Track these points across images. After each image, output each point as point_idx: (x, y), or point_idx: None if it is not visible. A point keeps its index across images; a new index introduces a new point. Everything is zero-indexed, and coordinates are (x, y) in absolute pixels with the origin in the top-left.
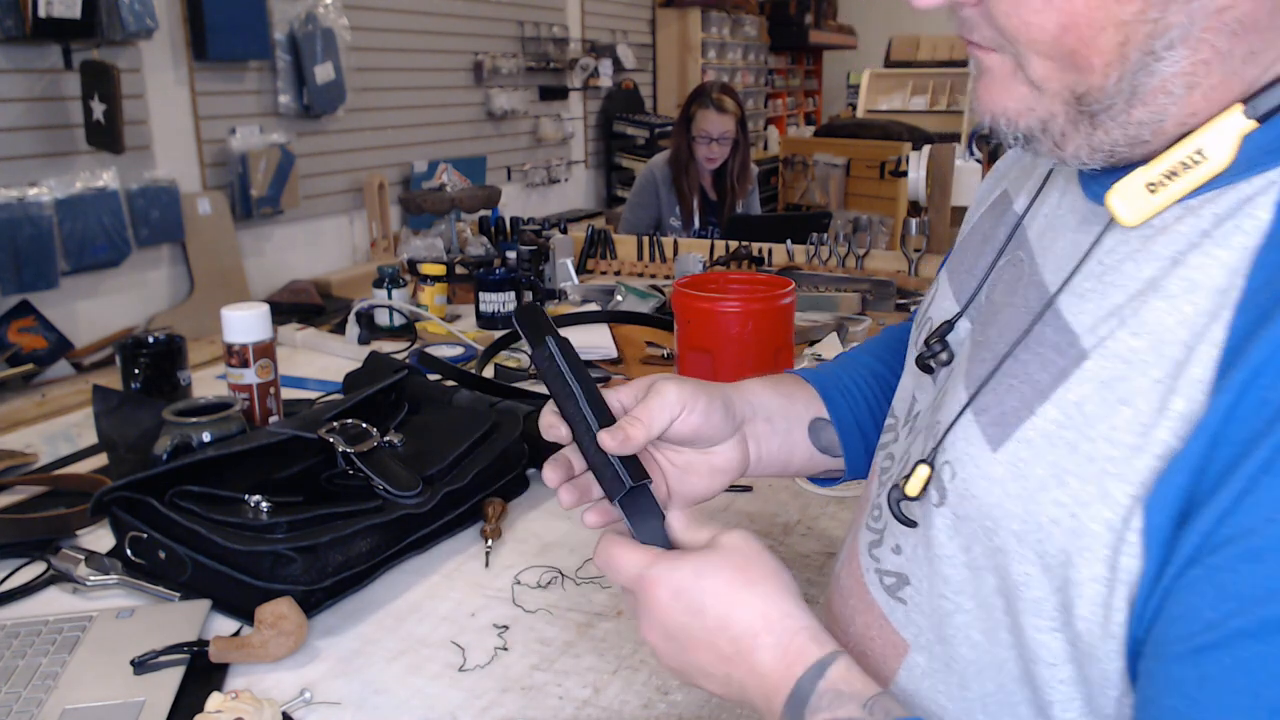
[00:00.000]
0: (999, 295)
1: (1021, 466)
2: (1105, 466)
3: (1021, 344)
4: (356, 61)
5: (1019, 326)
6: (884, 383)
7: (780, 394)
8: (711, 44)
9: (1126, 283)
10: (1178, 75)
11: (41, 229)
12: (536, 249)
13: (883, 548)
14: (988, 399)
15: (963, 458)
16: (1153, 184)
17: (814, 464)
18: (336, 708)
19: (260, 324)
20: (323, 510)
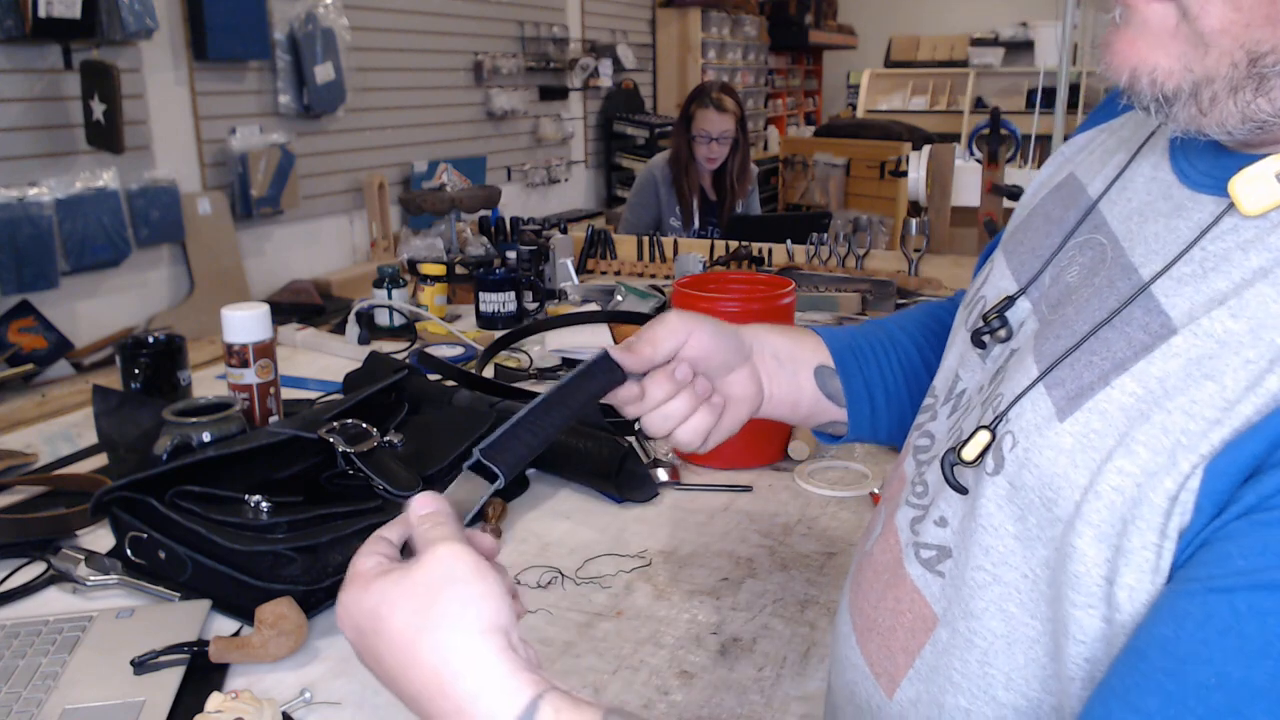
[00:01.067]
0: (1073, 277)
1: (1091, 437)
2: (1179, 439)
3: (1109, 324)
4: (356, 61)
5: (1105, 307)
6: (902, 350)
7: (786, 336)
8: (711, 44)
9: (1233, 270)
10: None
11: (41, 229)
12: (536, 249)
13: (925, 522)
14: (1063, 374)
15: (1028, 428)
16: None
17: (821, 409)
18: (336, 708)
19: (260, 324)
20: (323, 510)
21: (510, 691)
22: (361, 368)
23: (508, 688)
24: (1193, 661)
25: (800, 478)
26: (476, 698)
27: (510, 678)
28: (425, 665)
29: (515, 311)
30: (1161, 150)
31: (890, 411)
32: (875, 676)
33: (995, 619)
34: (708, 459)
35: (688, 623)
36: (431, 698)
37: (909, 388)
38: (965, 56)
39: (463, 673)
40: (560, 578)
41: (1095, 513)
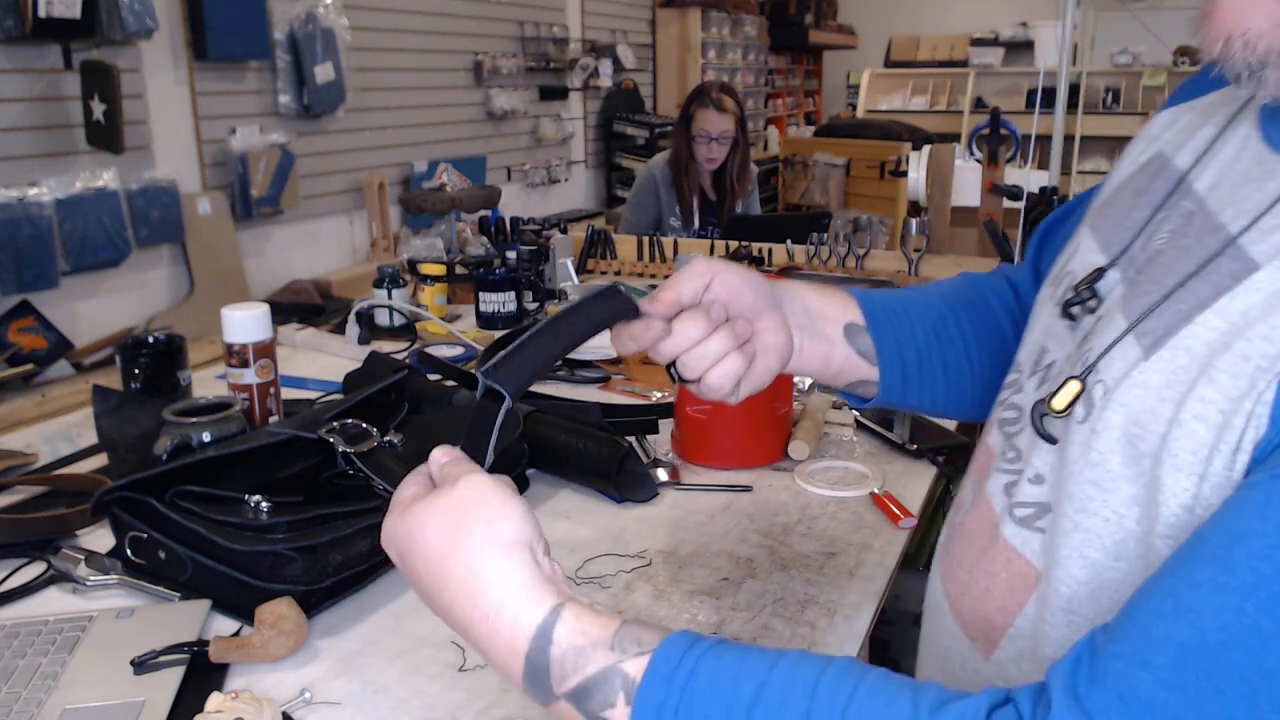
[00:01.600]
0: (1161, 241)
1: (1176, 372)
2: (1259, 363)
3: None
4: (356, 61)
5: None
6: (936, 314)
7: (817, 292)
8: (711, 44)
9: None
10: None
11: (41, 229)
12: (536, 249)
13: (1020, 482)
14: (1151, 323)
15: (1116, 374)
16: None
17: (853, 366)
18: (336, 708)
19: (260, 324)
20: (323, 510)
21: (535, 599)
22: (361, 368)
23: (532, 596)
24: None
25: (800, 478)
26: (503, 605)
27: (534, 587)
28: (456, 578)
29: (515, 311)
30: (1252, 123)
31: (922, 376)
32: (970, 640)
33: (1077, 566)
34: (708, 459)
35: (688, 623)
36: (463, 607)
37: (941, 354)
38: (965, 56)
39: (492, 582)
40: None
41: (1177, 441)
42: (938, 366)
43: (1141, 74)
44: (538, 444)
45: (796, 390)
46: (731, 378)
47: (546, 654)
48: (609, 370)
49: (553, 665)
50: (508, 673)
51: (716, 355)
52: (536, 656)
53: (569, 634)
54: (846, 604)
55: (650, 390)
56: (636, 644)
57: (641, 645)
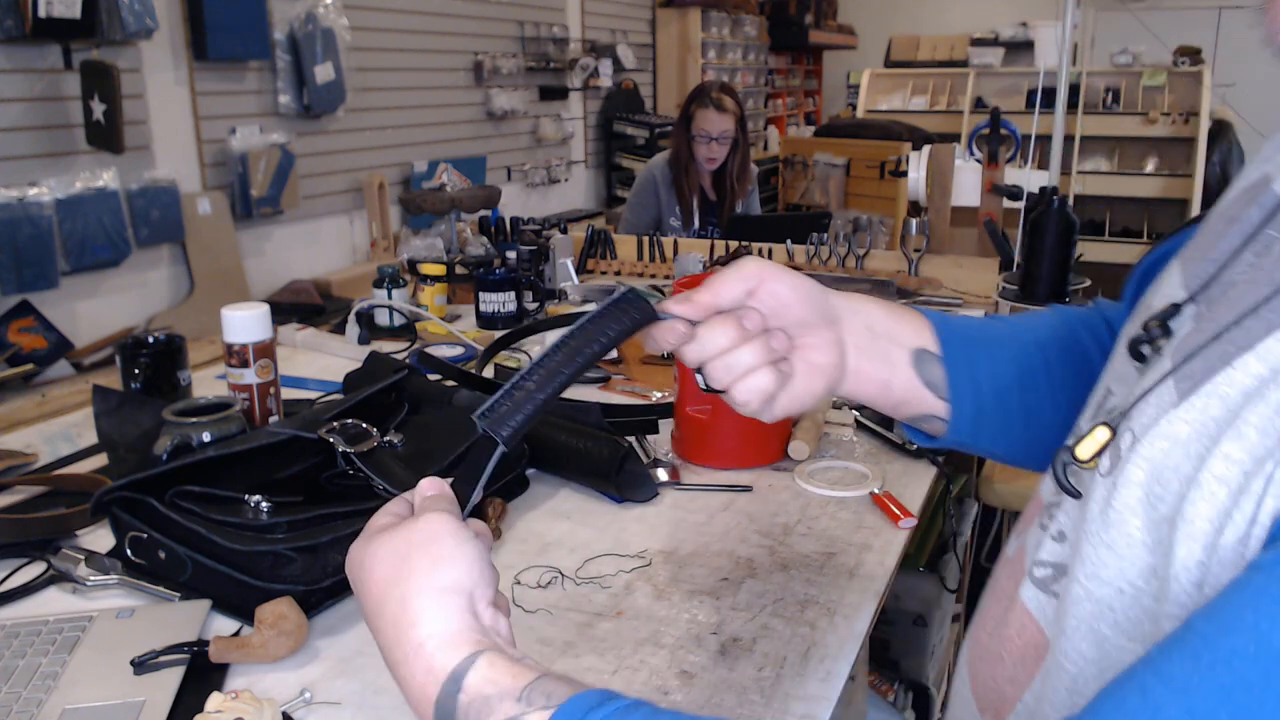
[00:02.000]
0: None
1: (1205, 423)
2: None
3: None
4: (356, 61)
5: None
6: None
7: (887, 311)
8: (711, 44)
9: None
10: None
11: (41, 229)
12: (536, 249)
13: (1045, 540)
14: (1195, 365)
15: (1146, 421)
16: None
17: (918, 397)
18: (336, 708)
19: (260, 324)
20: (323, 510)
21: (453, 646)
22: (361, 368)
23: (453, 643)
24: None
25: (800, 478)
26: (421, 647)
27: (458, 634)
28: (389, 613)
29: (515, 311)
30: None
31: (999, 416)
32: (980, 713)
33: (1086, 641)
34: (708, 459)
35: (688, 623)
36: (390, 643)
37: (1023, 394)
38: (965, 56)
39: (417, 623)
40: (560, 578)
41: (1193, 505)
42: (1017, 407)
43: (1141, 74)
44: (538, 444)
45: None
46: (759, 394)
47: (454, 700)
48: (609, 370)
49: (459, 712)
50: (420, 717)
51: (745, 368)
52: (445, 702)
53: (479, 682)
54: (846, 604)
55: (650, 390)
56: (545, 697)
57: (549, 699)
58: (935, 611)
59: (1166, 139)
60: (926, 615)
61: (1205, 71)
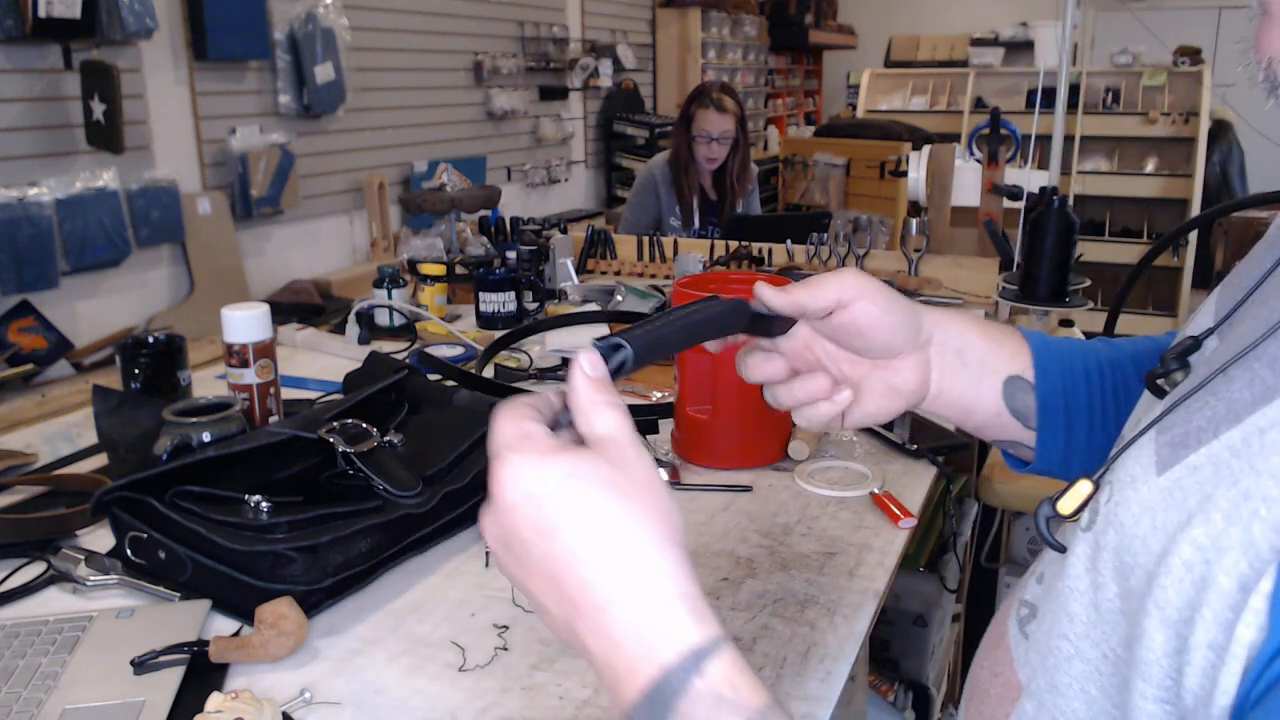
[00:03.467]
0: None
1: (1178, 496)
2: (1259, 508)
3: (1240, 360)
4: (356, 61)
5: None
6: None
7: (984, 334)
8: (711, 44)
9: None
10: None
11: (41, 229)
12: (536, 249)
13: (1028, 583)
14: (1178, 416)
15: (1125, 479)
16: None
17: (1001, 424)
18: (336, 708)
19: (260, 324)
20: (323, 510)
21: (702, 619)
22: (361, 368)
23: (699, 613)
24: None
25: (800, 478)
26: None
27: (704, 601)
28: (623, 551)
29: (515, 311)
30: None
31: (1091, 447)
32: None
33: (1078, 699)
34: (708, 459)
35: None
36: (616, 588)
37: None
38: (965, 56)
39: (669, 570)
40: None
41: (1163, 590)
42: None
43: (1141, 74)
44: None
45: None
46: (820, 421)
47: (690, 681)
48: None
49: (685, 697)
50: (616, 675)
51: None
52: (676, 677)
53: (719, 679)
54: (846, 604)
55: (650, 390)
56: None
57: None
58: (935, 611)
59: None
60: (926, 615)
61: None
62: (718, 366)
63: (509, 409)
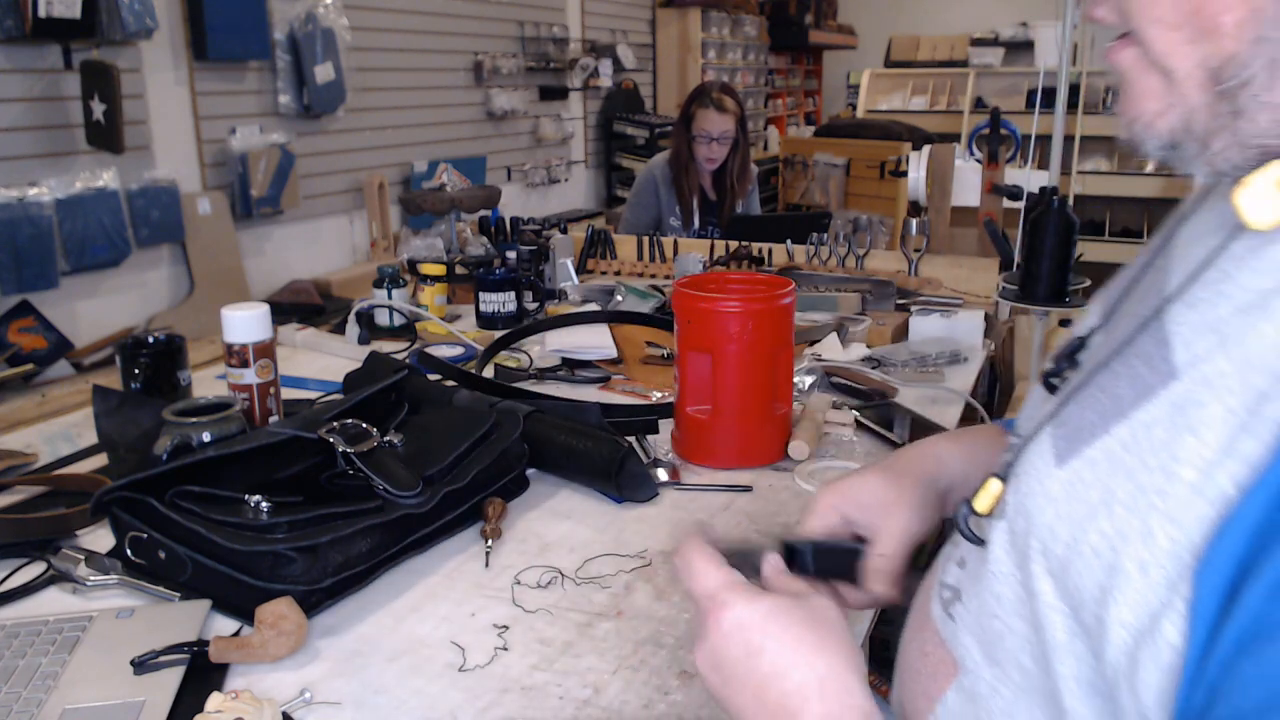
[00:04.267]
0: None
1: (1079, 488)
2: (1154, 500)
3: (1119, 355)
4: (356, 61)
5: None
6: None
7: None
8: (711, 44)
9: (1238, 293)
10: None
11: (41, 229)
12: (536, 249)
13: (947, 566)
14: (1070, 410)
15: (1029, 471)
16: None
17: None
18: (336, 708)
19: (260, 324)
20: (323, 510)
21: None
22: (361, 368)
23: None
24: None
25: (800, 478)
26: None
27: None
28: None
29: (515, 311)
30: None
31: None
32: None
33: (1014, 670)
34: (708, 459)
35: (688, 623)
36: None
37: None
38: (965, 56)
39: (851, 688)
40: (560, 578)
41: (1077, 575)
42: None
43: None
44: (538, 444)
45: (796, 390)
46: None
47: None
48: (609, 370)
49: None
50: None
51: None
52: None
53: None
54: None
55: (650, 390)
56: None
57: None
58: None
59: None
60: None
61: None
62: (718, 366)
63: (696, 556)
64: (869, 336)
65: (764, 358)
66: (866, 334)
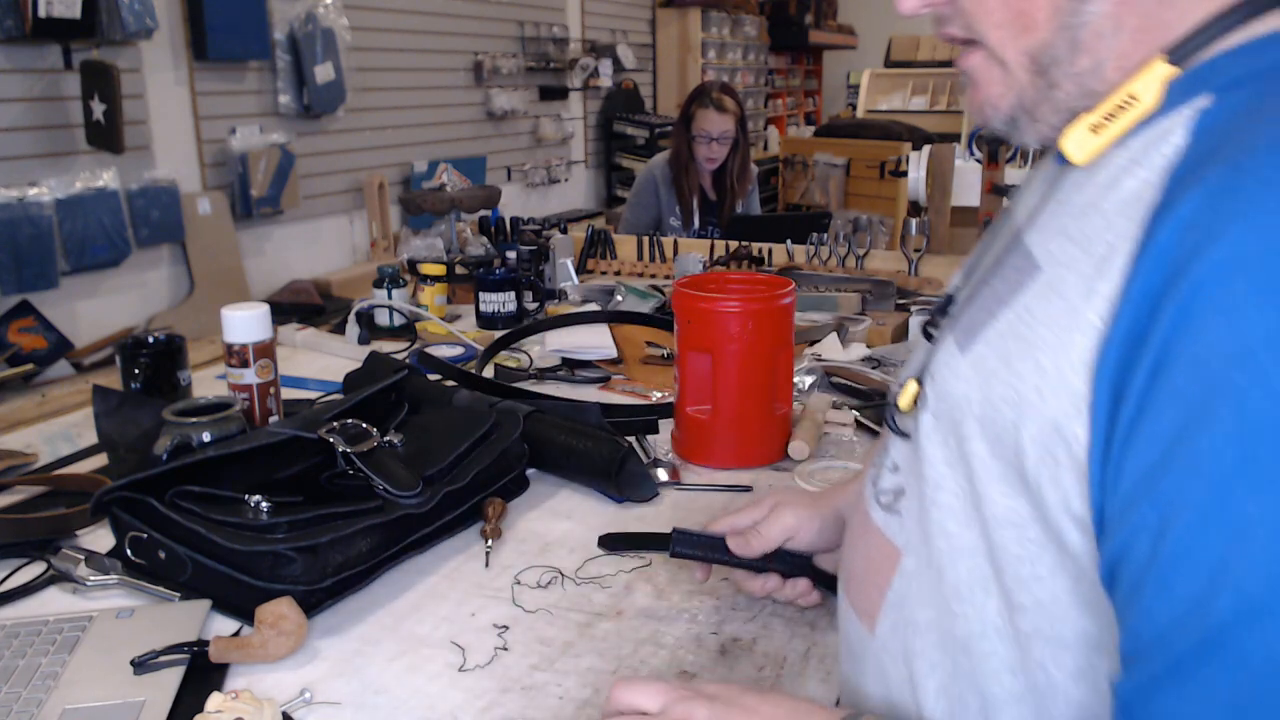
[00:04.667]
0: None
1: (982, 363)
2: (1040, 346)
3: (995, 273)
4: (356, 61)
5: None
6: None
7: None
8: (711, 44)
9: (1073, 207)
10: (1104, 17)
11: (41, 229)
12: (536, 249)
13: (882, 472)
14: (964, 320)
15: (939, 366)
16: (1095, 125)
17: None
18: (336, 708)
19: (260, 324)
20: (323, 510)
21: None
22: (361, 368)
23: None
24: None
25: (800, 478)
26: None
27: None
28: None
29: (515, 311)
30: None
31: None
32: (859, 617)
33: (940, 538)
34: (708, 459)
35: (688, 623)
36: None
37: None
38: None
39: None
40: (560, 578)
41: (993, 422)
42: None
43: None
44: (538, 444)
45: (796, 390)
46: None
47: None
48: (609, 370)
49: None
50: None
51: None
52: None
53: None
54: None
55: (650, 390)
56: None
57: None
58: None
59: None
60: None
61: None
62: (718, 366)
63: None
64: (869, 336)
65: (764, 358)
66: (866, 334)
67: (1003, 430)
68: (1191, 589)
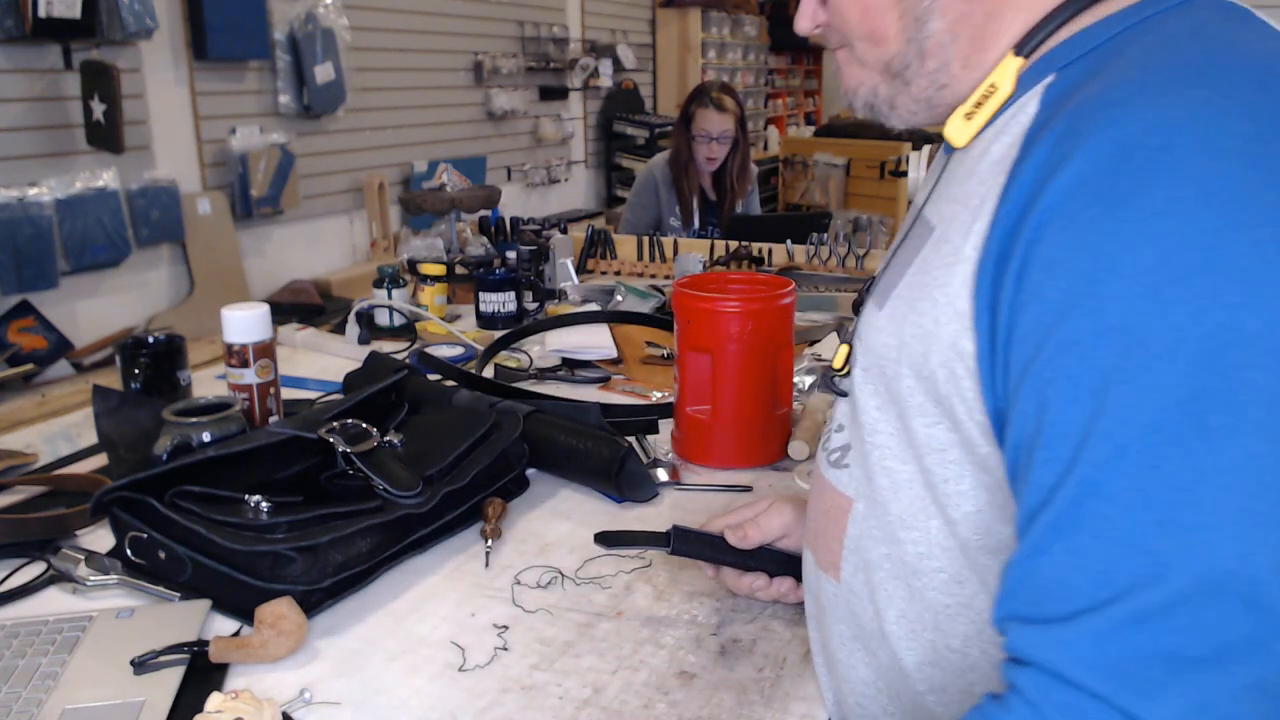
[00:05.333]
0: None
1: (896, 313)
2: (934, 284)
3: (902, 244)
4: (356, 61)
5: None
6: None
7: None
8: (711, 44)
9: (957, 178)
10: (943, 30)
11: (41, 229)
12: (536, 249)
13: (830, 435)
14: (881, 285)
15: (863, 327)
16: (968, 113)
17: None
18: (336, 708)
19: (260, 324)
20: (323, 510)
21: None
22: (361, 368)
23: None
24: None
25: (800, 478)
26: None
27: None
28: None
29: (515, 311)
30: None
31: None
32: (824, 570)
33: (882, 476)
34: (708, 459)
35: (688, 623)
36: None
37: None
38: None
39: None
40: (560, 578)
41: (908, 359)
42: None
43: None
44: (538, 444)
45: (796, 390)
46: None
47: None
48: (609, 370)
49: None
50: None
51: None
52: None
53: None
54: None
55: (650, 390)
56: None
57: None
58: None
59: None
60: None
61: None
62: (718, 366)
63: None
64: None
65: (764, 358)
66: None
67: (919, 364)
68: (1067, 450)
